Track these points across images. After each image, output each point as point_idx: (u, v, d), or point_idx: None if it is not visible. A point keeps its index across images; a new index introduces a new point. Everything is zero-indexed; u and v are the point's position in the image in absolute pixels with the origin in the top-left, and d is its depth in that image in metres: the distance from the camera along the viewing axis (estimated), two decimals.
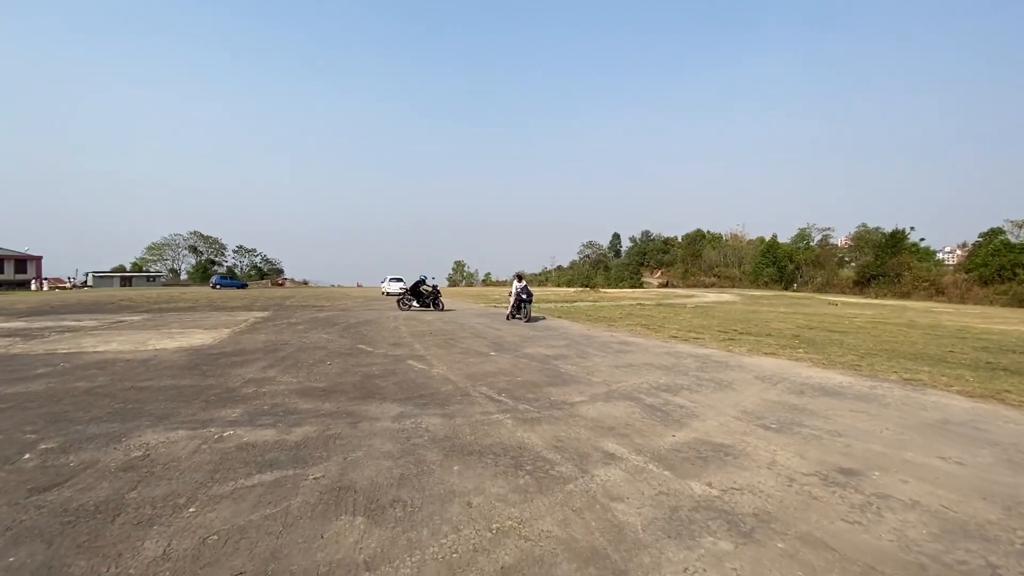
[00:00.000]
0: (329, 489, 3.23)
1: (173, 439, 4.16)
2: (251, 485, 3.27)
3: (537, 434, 4.45)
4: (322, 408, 5.19)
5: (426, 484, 3.34)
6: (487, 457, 3.86)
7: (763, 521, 2.92)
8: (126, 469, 3.51)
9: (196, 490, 3.18)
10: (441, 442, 4.19)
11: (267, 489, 3.21)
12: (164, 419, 4.72)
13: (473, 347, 9.83)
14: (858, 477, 3.60)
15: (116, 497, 3.05)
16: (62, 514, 2.84)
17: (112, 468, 3.53)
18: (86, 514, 2.84)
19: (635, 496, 3.22)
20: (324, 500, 3.07)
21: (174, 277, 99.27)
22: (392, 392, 5.94)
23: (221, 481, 3.32)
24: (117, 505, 2.95)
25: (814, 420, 5.06)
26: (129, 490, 3.17)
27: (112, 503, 2.98)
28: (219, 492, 3.15)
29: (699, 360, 8.64)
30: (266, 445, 4.04)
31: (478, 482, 3.38)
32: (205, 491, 3.17)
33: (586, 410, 5.30)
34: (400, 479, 3.41)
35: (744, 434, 4.57)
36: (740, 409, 5.45)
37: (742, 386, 6.63)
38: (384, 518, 2.86)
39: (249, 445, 4.03)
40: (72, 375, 6.66)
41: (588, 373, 7.31)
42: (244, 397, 5.60)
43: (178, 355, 8.40)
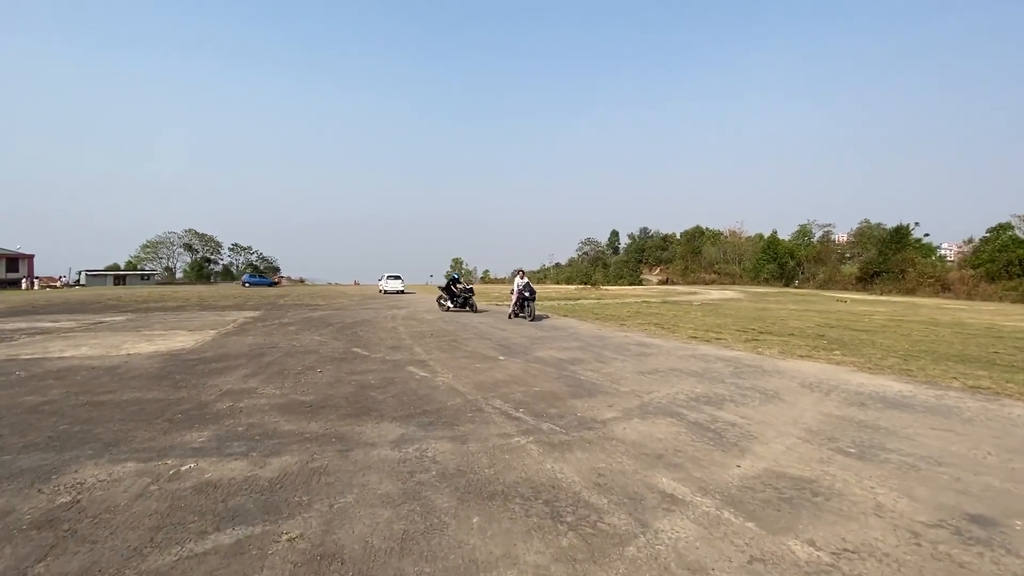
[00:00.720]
0: (307, 559, 2.38)
1: (116, 476, 3.30)
2: (202, 552, 2.41)
3: (571, 465, 3.61)
4: (307, 430, 4.33)
5: (438, 549, 2.49)
6: (513, 502, 3.02)
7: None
8: (42, 526, 2.65)
9: (124, 563, 2.32)
10: (453, 479, 3.34)
11: (223, 560, 2.35)
12: (112, 447, 3.86)
13: (479, 350, 8.99)
14: (999, 529, 2.77)
15: (15, 574, 2.20)
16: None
17: (25, 524, 2.67)
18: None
19: (723, 566, 2.38)
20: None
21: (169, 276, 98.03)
22: (391, 408, 5.09)
23: (163, 545, 2.47)
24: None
25: (896, 442, 4.23)
26: (36, 561, 2.31)
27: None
28: (155, 566, 2.30)
29: (730, 364, 7.81)
30: (232, 485, 3.19)
31: (507, 545, 2.54)
32: (137, 564, 2.32)
33: (622, 430, 4.46)
34: (403, 541, 2.56)
35: (822, 463, 3.73)
36: (802, 427, 4.62)
37: (791, 396, 5.80)
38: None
39: (211, 485, 3.18)
40: (24, 387, 5.79)
41: (612, 381, 6.46)
42: (217, 415, 4.74)
43: (151, 361, 7.53)
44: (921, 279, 49.83)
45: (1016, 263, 43.48)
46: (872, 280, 56.29)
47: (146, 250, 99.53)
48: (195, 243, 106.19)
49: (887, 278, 53.78)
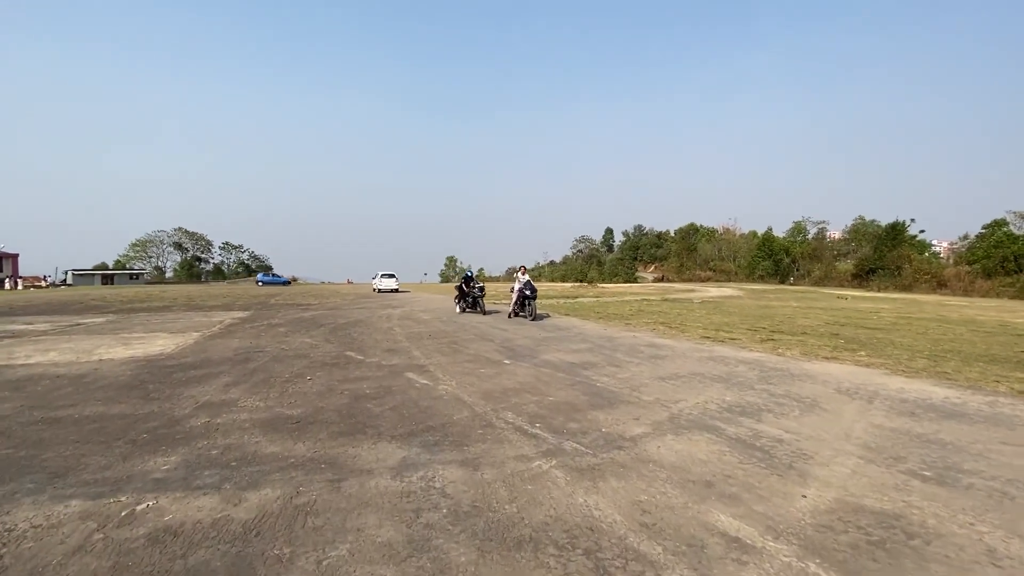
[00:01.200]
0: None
1: (56, 520, 2.69)
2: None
3: (607, 498, 3.03)
4: (293, 453, 3.72)
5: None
6: (545, 555, 2.43)
7: None
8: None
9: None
10: (468, 519, 2.75)
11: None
12: (58, 478, 3.23)
13: (482, 353, 8.39)
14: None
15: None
16: None
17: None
18: None
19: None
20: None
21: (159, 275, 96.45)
22: (389, 423, 4.48)
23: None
24: None
25: (972, 462, 3.69)
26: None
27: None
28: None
29: (753, 367, 7.27)
30: (197, 531, 2.58)
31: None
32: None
33: (656, 450, 3.88)
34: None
35: (899, 491, 3.18)
36: (857, 443, 4.06)
37: (832, 405, 5.26)
38: None
39: (170, 532, 2.57)
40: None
41: (632, 389, 5.89)
42: (188, 434, 4.12)
43: (125, 368, 6.87)
44: (918, 275, 49.75)
45: (1012, 259, 43.44)
46: (868, 277, 56.17)
47: (135, 249, 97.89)
48: (185, 242, 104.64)
49: (883, 275, 53.66)
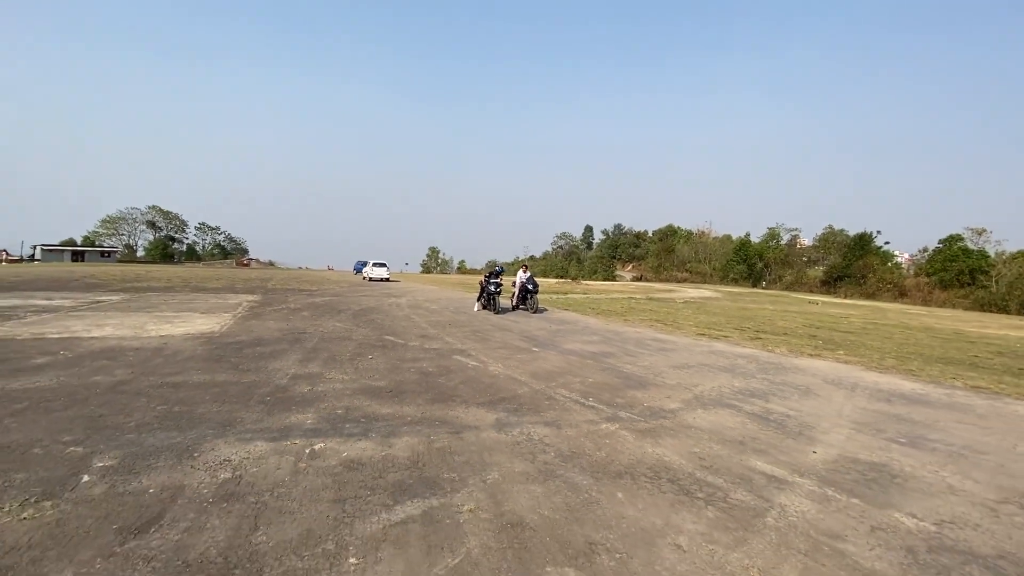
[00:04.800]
0: (499, 527, 2.65)
1: (257, 454, 3.47)
2: (401, 521, 2.65)
3: (670, 450, 3.97)
4: (405, 413, 4.55)
5: (606, 519, 2.80)
6: (641, 481, 3.35)
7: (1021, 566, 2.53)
8: (226, 499, 2.82)
9: (337, 528, 2.55)
10: (572, 459, 3.65)
11: (426, 528, 2.60)
12: (228, 427, 3.99)
13: (508, 341, 9.26)
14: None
15: (240, 545, 2.39)
16: (186, 570, 2.17)
17: (206, 497, 2.83)
18: (217, 569, 2.18)
19: (850, 533, 2.78)
20: (505, 544, 2.50)
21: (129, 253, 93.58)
22: (468, 394, 5.34)
23: (359, 516, 2.69)
24: (249, 558, 2.29)
25: (935, 434, 4.78)
26: (250, 531, 2.51)
27: (241, 554, 2.32)
28: (367, 532, 2.53)
29: (751, 361, 8.35)
30: (376, 463, 3.41)
31: (664, 517, 2.87)
32: (349, 530, 2.54)
33: (693, 419, 4.85)
34: (570, 511, 2.86)
35: (884, 451, 4.21)
36: (848, 419, 5.12)
37: (823, 392, 6.34)
38: (599, 566, 2.32)
39: (357, 463, 3.39)
40: (81, 366, 5.75)
41: (655, 375, 6.87)
42: (305, 398, 4.89)
43: (191, 343, 7.49)
44: (881, 284, 52.68)
45: (967, 272, 46.46)
46: (836, 284, 59.09)
47: (106, 225, 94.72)
48: (159, 221, 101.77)
49: (850, 282, 56.58)
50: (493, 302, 14.89)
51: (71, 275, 26.07)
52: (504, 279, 16.15)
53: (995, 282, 42.85)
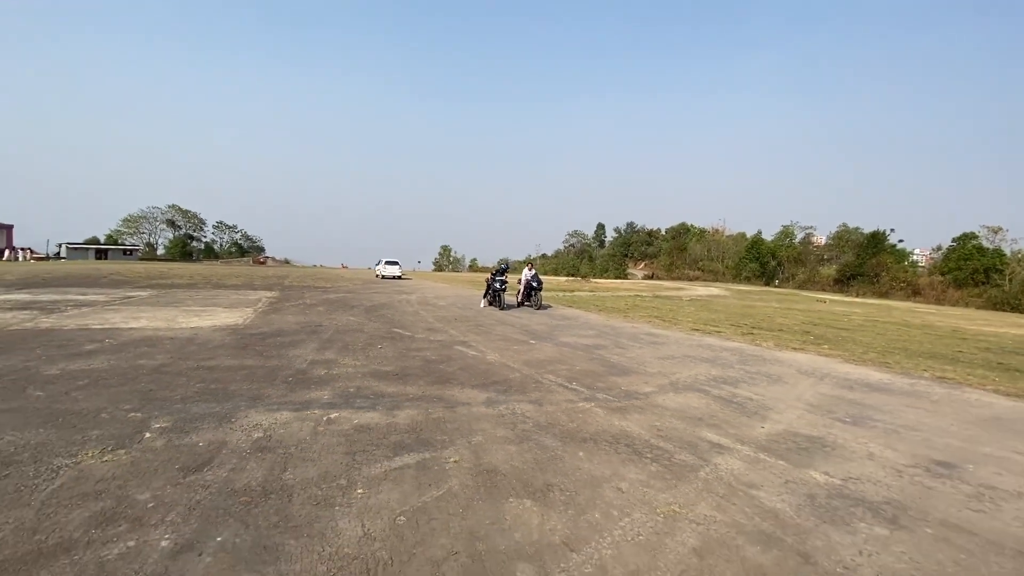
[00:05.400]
0: (478, 472, 3.32)
1: (283, 420, 4.18)
2: (400, 467, 3.33)
3: (634, 423, 4.60)
4: (408, 392, 5.24)
5: (566, 469, 3.45)
6: (602, 444, 3.99)
7: (899, 508, 3.12)
8: (261, 450, 3.52)
9: (349, 470, 3.23)
10: (548, 428, 4.30)
11: (419, 472, 3.28)
12: (258, 400, 4.71)
13: (508, 334, 9.92)
14: (956, 470, 3.85)
15: (274, 479, 3.08)
16: (233, 494, 2.86)
17: (245, 449, 3.54)
18: (258, 494, 2.87)
19: (767, 484, 3.39)
20: (480, 483, 3.16)
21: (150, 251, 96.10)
22: (464, 378, 6.01)
23: (366, 463, 3.37)
24: (281, 487, 2.98)
25: (880, 415, 5.33)
26: (281, 471, 3.20)
27: (275, 484, 3.01)
28: (374, 473, 3.21)
29: (735, 354, 8.90)
30: (381, 428, 4.09)
31: (613, 468, 3.51)
32: (358, 470, 3.23)
33: (663, 400, 5.46)
34: (537, 463, 3.51)
35: (826, 427, 4.79)
36: (805, 403, 5.69)
37: (792, 380, 6.89)
38: (551, 501, 2.97)
39: (366, 427, 4.08)
40: (126, 352, 6.54)
41: (639, 364, 7.48)
42: (322, 379, 5.61)
43: (220, 334, 8.28)
44: (894, 283, 52.28)
45: (981, 271, 45.98)
46: (848, 282, 58.72)
47: (128, 224, 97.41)
48: (178, 219, 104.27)
49: (862, 281, 56.21)
50: (499, 299, 15.53)
51: (98, 272, 27.31)
52: (510, 276, 16.80)
53: (1008, 281, 42.38)
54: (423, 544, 2.45)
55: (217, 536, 2.44)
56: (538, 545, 2.50)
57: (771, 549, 2.58)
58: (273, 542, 2.41)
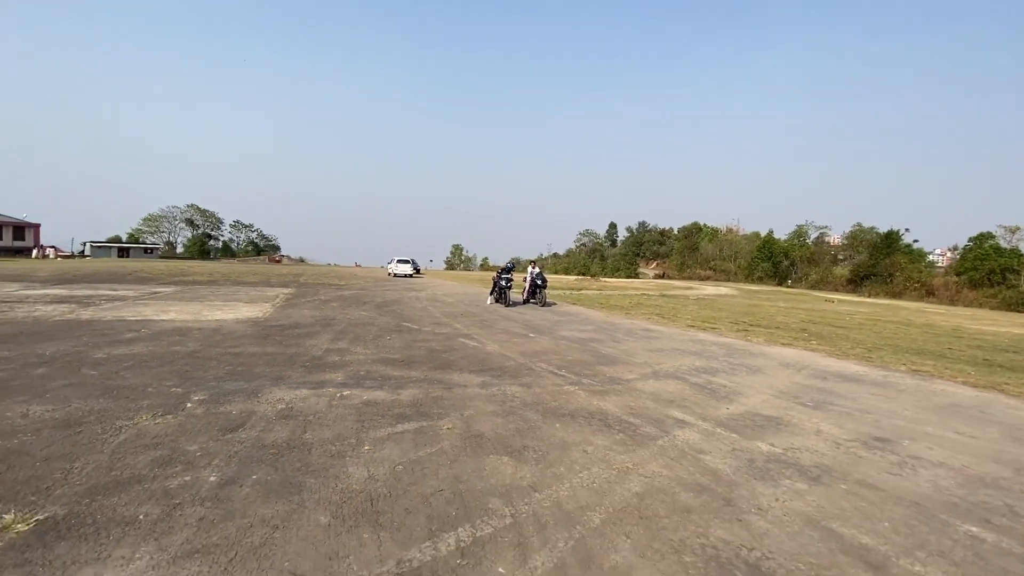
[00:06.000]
0: (466, 436, 3.92)
1: (302, 396, 4.82)
2: (402, 431, 3.94)
3: (610, 403, 5.16)
4: (412, 375, 5.86)
5: (541, 435, 4.04)
6: (578, 418, 4.56)
7: (824, 471, 3.65)
8: (284, 417, 4.16)
9: (358, 432, 3.85)
10: (533, 406, 4.89)
11: (418, 435, 3.89)
12: (280, 380, 5.36)
13: (510, 329, 10.51)
14: (891, 444, 4.35)
15: (297, 437, 3.72)
16: (263, 448, 3.50)
17: (272, 416, 4.18)
18: (283, 448, 3.50)
19: (715, 450, 3.94)
20: (467, 444, 3.76)
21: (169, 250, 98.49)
22: (464, 365, 6.62)
23: (373, 428, 3.99)
24: (303, 444, 3.61)
25: (842, 400, 5.82)
26: (302, 432, 3.83)
27: (298, 441, 3.64)
28: (379, 435, 3.83)
29: (723, 348, 9.39)
30: (387, 403, 4.71)
31: (582, 436, 4.09)
32: (366, 433, 3.85)
33: (642, 386, 6.01)
34: (517, 431, 4.10)
35: (786, 409, 5.31)
36: (776, 390, 6.19)
37: (771, 371, 7.38)
38: (525, 458, 3.55)
39: (372, 402, 4.70)
40: (162, 340, 7.26)
41: (628, 355, 8.02)
42: (335, 364, 6.25)
43: (243, 326, 9.00)
44: (907, 283, 51.79)
45: (997, 271, 45.41)
46: (862, 282, 58.24)
47: (148, 223, 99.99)
48: (197, 218, 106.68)
49: (876, 281, 55.73)
50: (504, 296, 16.11)
51: (123, 270, 28.49)
52: (516, 275, 17.39)
53: None
54: (415, 484, 3.06)
55: (252, 475, 3.07)
56: (509, 487, 3.09)
57: (702, 495, 3.14)
58: (296, 480, 3.03)
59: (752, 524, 2.81)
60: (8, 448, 3.28)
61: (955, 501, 3.27)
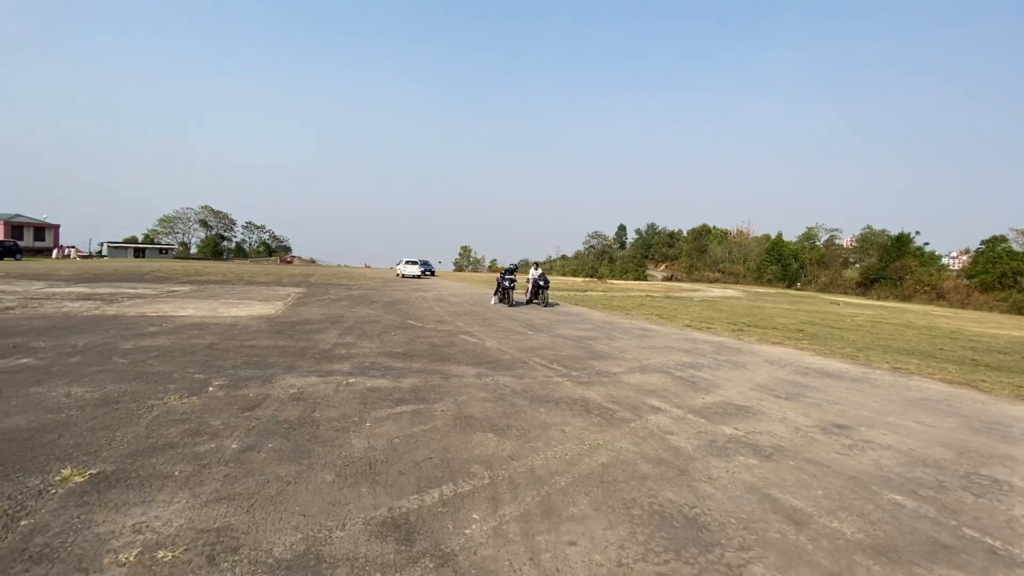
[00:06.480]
0: (457, 417, 4.37)
1: (312, 382, 5.30)
2: (400, 412, 4.41)
3: (594, 392, 5.59)
4: (413, 367, 6.33)
5: (525, 417, 4.48)
6: (561, 405, 5.00)
7: (778, 450, 4.05)
8: (296, 399, 4.65)
9: (361, 412, 4.32)
10: (522, 393, 5.33)
11: (414, 415, 4.35)
12: (292, 369, 5.86)
13: (510, 327, 10.95)
14: (849, 430, 4.73)
15: (307, 416, 4.19)
16: (277, 423, 3.98)
17: (284, 398, 4.66)
18: (296, 424, 3.98)
19: (682, 432, 4.35)
20: (457, 423, 4.21)
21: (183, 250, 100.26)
22: (462, 358, 7.08)
23: (375, 408, 4.46)
24: (312, 420, 4.09)
25: (814, 393, 6.19)
26: (311, 411, 4.31)
27: (308, 419, 4.12)
28: (379, 415, 4.30)
29: (714, 346, 9.76)
30: (388, 389, 5.18)
31: (562, 418, 4.52)
32: (368, 413, 4.31)
33: (627, 378, 6.43)
34: (504, 413, 4.55)
35: (759, 400, 5.69)
36: (754, 383, 6.57)
37: (754, 367, 7.75)
38: (508, 434, 4.00)
39: (376, 389, 5.17)
40: (182, 334, 7.80)
41: (619, 352, 8.43)
42: (342, 356, 6.74)
43: (257, 322, 9.54)
44: (918, 286, 51.41)
45: (1010, 275, 44.98)
46: (871, 285, 57.86)
47: (163, 224, 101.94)
48: (210, 220, 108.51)
49: (885, 284, 55.36)
50: (507, 296, 16.58)
51: (140, 269, 29.37)
52: (519, 276, 17.82)
53: None
54: (409, 453, 3.52)
55: (268, 444, 3.54)
56: (490, 457, 3.54)
57: (660, 467, 3.56)
58: (306, 448, 3.51)
59: (699, 489, 3.23)
60: (58, 420, 3.79)
61: (890, 476, 3.65)
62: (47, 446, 3.31)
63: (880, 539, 2.73)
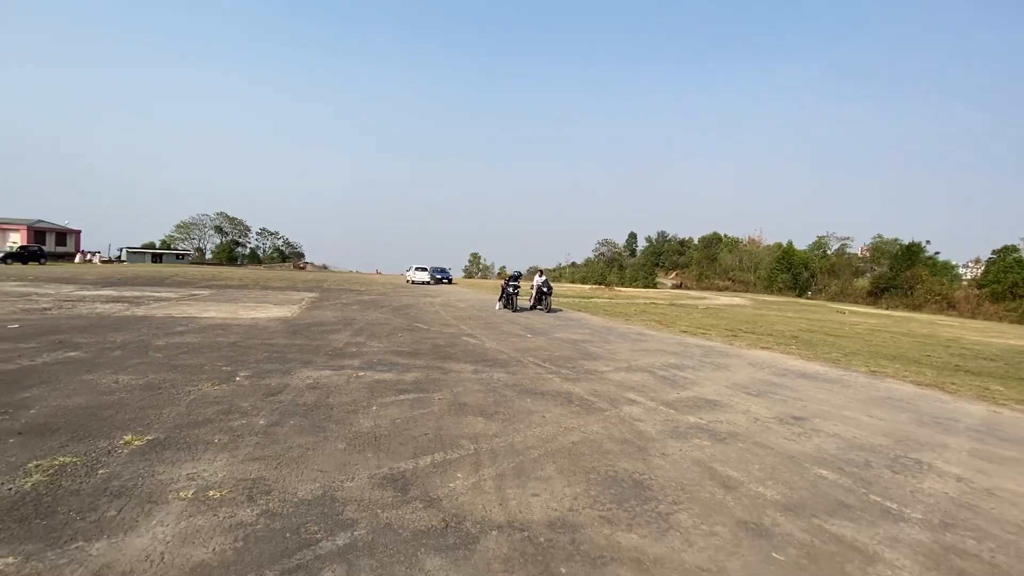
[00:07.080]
0: (452, 404, 5.00)
1: (326, 375, 5.96)
2: (402, 400, 5.05)
3: (579, 387, 6.18)
4: (416, 363, 6.97)
5: (512, 406, 5.09)
6: (546, 396, 5.60)
7: (732, 435, 4.62)
8: (312, 388, 5.31)
9: (369, 399, 4.97)
10: (512, 386, 5.94)
11: (415, 402, 4.99)
12: (308, 364, 6.53)
13: (511, 330, 11.57)
14: (803, 421, 5.27)
15: (322, 401, 4.85)
16: (297, 406, 4.63)
17: (302, 387, 5.33)
18: (312, 407, 4.64)
19: (650, 420, 4.93)
20: (452, 409, 4.84)
21: (199, 256, 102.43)
22: (462, 357, 7.71)
23: (380, 396, 5.10)
24: (326, 404, 4.74)
25: (784, 391, 6.72)
26: (326, 397, 4.96)
27: (323, 403, 4.77)
28: (384, 401, 4.94)
29: (703, 349, 10.28)
30: (392, 382, 5.82)
31: (544, 408, 5.13)
32: (375, 400, 4.96)
33: (612, 376, 7.01)
34: (494, 402, 5.17)
35: (730, 396, 6.24)
36: (731, 382, 7.11)
37: (735, 368, 8.28)
38: (495, 418, 4.62)
39: (382, 381, 5.82)
40: (207, 333, 8.53)
41: (611, 353, 9.00)
42: (353, 354, 7.41)
43: (273, 323, 10.26)
44: (928, 296, 51.09)
45: (1021, 285, 44.65)
46: (882, 295, 57.57)
47: (180, 230, 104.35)
48: (225, 226, 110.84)
49: (896, 293, 55.07)
50: (511, 302, 17.22)
51: (160, 274, 30.49)
52: (523, 283, 18.45)
53: None
54: (408, 430, 4.15)
55: (290, 421, 4.20)
56: (478, 434, 4.15)
57: (623, 445, 4.15)
58: (322, 424, 4.15)
59: (652, 462, 3.82)
60: (113, 401, 4.48)
61: (825, 457, 4.21)
62: (108, 420, 3.99)
63: (794, 500, 3.30)
